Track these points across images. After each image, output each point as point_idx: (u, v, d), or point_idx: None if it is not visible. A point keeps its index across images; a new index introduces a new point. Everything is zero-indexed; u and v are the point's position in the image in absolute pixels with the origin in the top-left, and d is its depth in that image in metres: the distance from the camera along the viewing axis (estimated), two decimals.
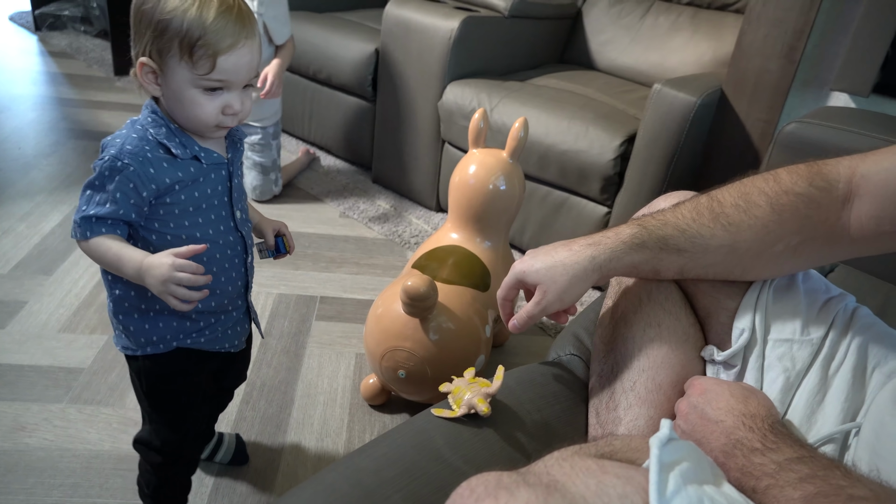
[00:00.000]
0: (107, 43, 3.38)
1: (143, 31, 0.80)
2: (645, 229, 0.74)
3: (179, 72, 0.80)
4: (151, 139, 0.83)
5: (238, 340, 1.01)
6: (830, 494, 0.49)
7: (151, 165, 0.81)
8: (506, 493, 0.45)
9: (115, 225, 0.82)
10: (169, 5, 0.78)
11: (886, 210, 0.65)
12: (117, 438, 1.22)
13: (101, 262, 0.82)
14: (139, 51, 0.81)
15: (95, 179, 0.81)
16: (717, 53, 2.09)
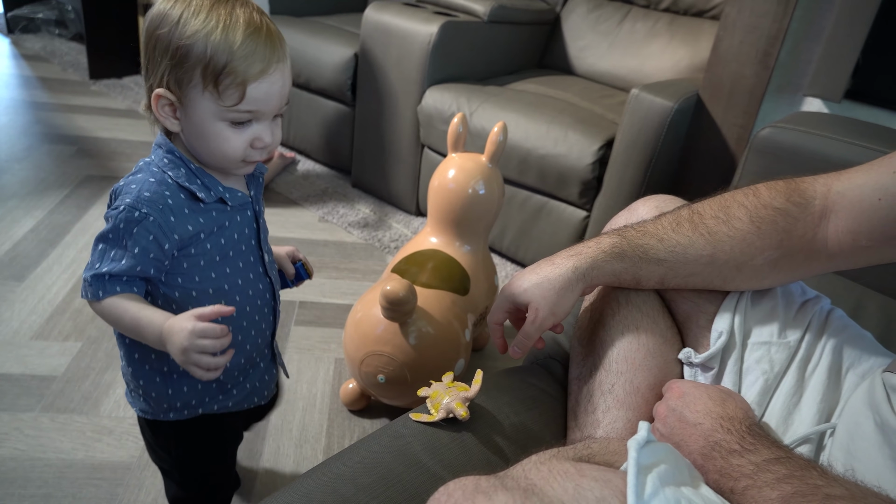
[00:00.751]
0: (82, 46, 3.34)
1: (158, 59, 0.70)
2: (624, 239, 0.75)
3: (203, 104, 0.70)
4: (171, 183, 0.73)
5: (268, 391, 0.93)
6: (807, 494, 0.49)
7: (172, 213, 0.72)
8: (483, 498, 0.44)
9: (130, 282, 0.72)
10: (189, 28, 0.68)
11: (861, 225, 0.67)
12: (91, 447, 1.20)
13: (117, 325, 0.73)
14: (154, 82, 0.71)
15: (109, 232, 0.71)
16: (694, 59, 2.11)
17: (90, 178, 2.18)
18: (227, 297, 0.80)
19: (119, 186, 0.74)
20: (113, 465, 1.17)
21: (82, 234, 1.86)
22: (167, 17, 0.69)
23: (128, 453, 1.20)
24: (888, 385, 0.59)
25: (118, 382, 1.36)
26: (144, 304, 0.72)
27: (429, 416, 0.74)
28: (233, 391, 0.86)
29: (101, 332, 1.49)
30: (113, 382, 1.35)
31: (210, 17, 0.68)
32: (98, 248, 0.72)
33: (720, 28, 1.66)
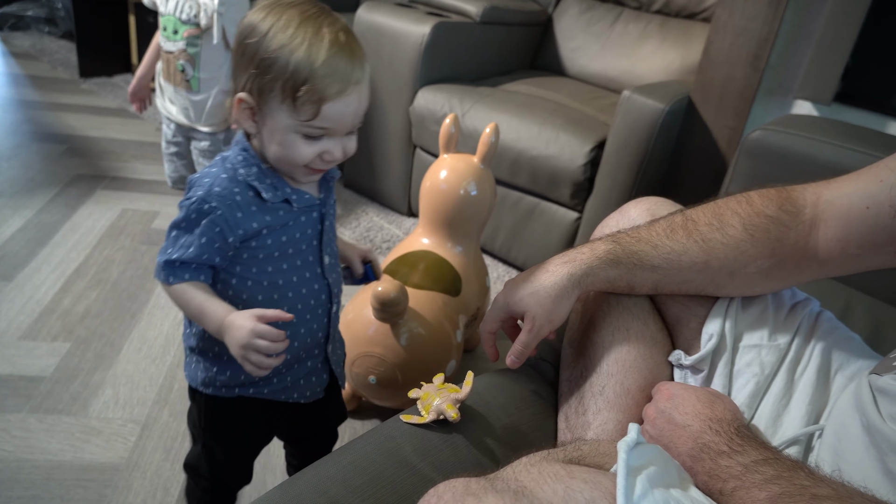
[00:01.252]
0: (72, 44, 3.32)
1: (244, 66, 0.75)
2: (619, 245, 0.75)
3: (279, 114, 0.74)
4: (241, 180, 0.77)
5: (311, 392, 0.94)
6: (795, 494, 0.49)
7: (240, 209, 0.76)
8: (473, 500, 0.44)
9: (199, 270, 0.77)
10: (275, 42, 0.71)
11: (850, 233, 0.68)
12: (80, 448, 1.19)
13: (184, 310, 0.78)
14: (239, 86, 0.76)
15: (182, 221, 0.76)
16: (685, 61, 2.12)
17: (80, 178, 2.16)
18: (280, 291, 0.83)
19: (195, 178, 0.78)
20: (101, 466, 1.16)
21: (71, 233, 1.84)
22: (256, 29, 0.73)
23: (117, 454, 1.19)
24: (874, 387, 0.60)
25: (107, 383, 1.35)
26: (210, 295, 0.76)
27: (419, 417, 0.74)
28: (273, 380, 0.89)
29: (91, 333, 1.48)
30: (102, 383, 1.35)
31: (297, 34, 0.71)
32: (171, 234, 0.77)
33: (711, 30, 1.67)
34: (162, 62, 2.00)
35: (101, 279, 1.67)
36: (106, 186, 2.14)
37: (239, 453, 0.99)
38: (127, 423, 1.26)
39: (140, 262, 1.76)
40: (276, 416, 0.95)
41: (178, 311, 1.58)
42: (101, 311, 1.56)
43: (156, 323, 1.54)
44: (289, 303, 0.83)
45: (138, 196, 2.12)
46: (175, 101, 2.02)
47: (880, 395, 0.58)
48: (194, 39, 1.91)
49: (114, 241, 1.84)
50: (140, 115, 2.75)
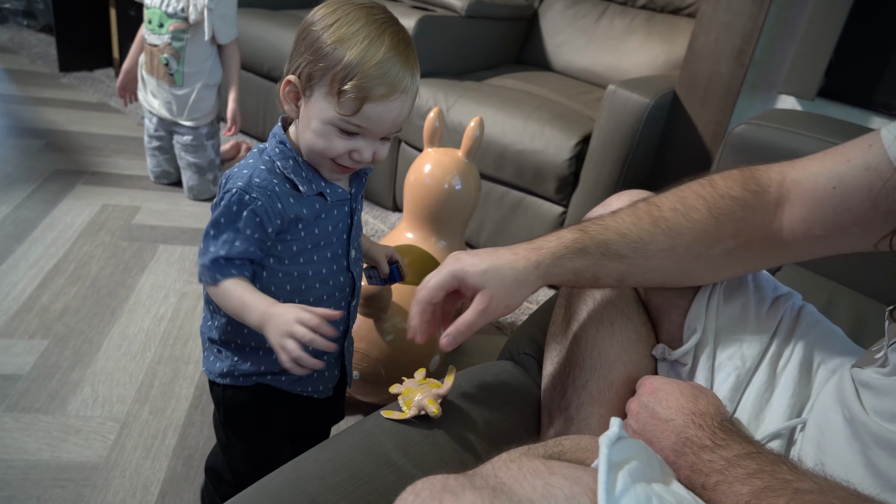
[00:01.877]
0: (51, 38, 3.26)
1: (301, 51, 0.76)
2: (586, 234, 0.72)
3: (322, 104, 0.75)
4: (279, 172, 0.79)
5: (324, 386, 0.95)
6: (777, 489, 0.49)
7: (279, 200, 0.77)
8: (451, 497, 0.43)
9: (243, 266, 0.78)
10: (337, 34, 0.73)
11: (815, 214, 0.67)
12: (57, 447, 1.17)
13: (225, 307, 0.78)
14: (291, 67, 0.77)
15: (221, 216, 0.76)
16: (670, 56, 2.12)
17: (59, 173, 2.13)
18: (308, 282, 0.84)
19: (231, 171, 0.78)
20: (80, 465, 1.14)
21: (50, 229, 1.81)
22: (324, 19, 0.75)
23: (95, 453, 1.17)
24: (857, 380, 0.60)
25: (85, 381, 1.33)
26: (253, 289, 0.77)
27: (400, 413, 0.73)
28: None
29: (69, 330, 1.45)
30: (80, 381, 1.32)
31: (360, 31, 0.73)
32: (210, 234, 0.77)
33: (696, 25, 1.67)
34: (145, 55, 1.98)
35: (80, 275, 1.64)
36: (86, 182, 2.11)
37: (258, 451, 0.98)
38: (106, 422, 1.24)
39: (121, 258, 1.74)
40: (284, 409, 0.95)
41: (158, 307, 1.56)
42: (80, 307, 1.53)
43: (136, 319, 1.52)
44: (315, 294, 0.85)
45: (119, 191, 2.09)
46: (157, 95, 2.00)
47: (863, 389, 0.58)
48: (180, 34, 1.89)
49: (94, 236, 1.82)
50: (122, 110, 2.72)
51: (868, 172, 0.63)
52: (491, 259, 0.70)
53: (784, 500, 0.48)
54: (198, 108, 2.01)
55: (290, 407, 0.94)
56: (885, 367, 0.58)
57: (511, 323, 1.72)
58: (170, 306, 1.58)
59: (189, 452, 1.20)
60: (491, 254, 0.71)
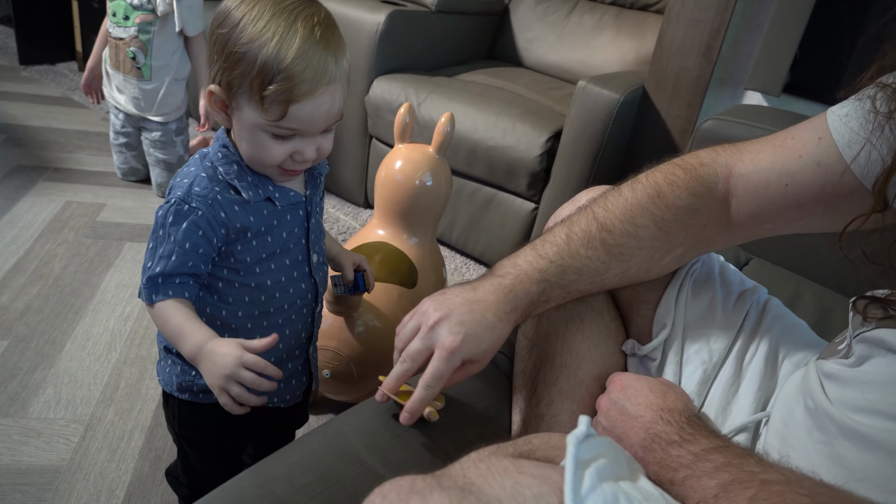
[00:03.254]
0: (10, 30, 3.18)
1: (215, 57, 0.70)
2: (547, 282, 0.69)
3: (248, 111, 0.70)
4: (221, 179, 0.73)
5: (291, 395, 0.92)
6: (745, 481, 0.49)
7: (222, 209, 0.72)
8: (419, 499, 0.43)
9: (183, 285, 0.72)
10: (245, 35, 0.66)
11: (764, 210, 0.68)
12: (18, 451, 1.14)
13: (162, 330, 0.73)
14: (211, 76, 0.72)
15: (160, 227, 0.72)
16: (640, 52, 2.13)
17: (20, 169, 2.07)
18: (268, 292, 0.80)
19: (175, 181, 0.74)
20: (41, 468, 1.12)
21: (10, 226, 1.76)
22: (229, 18, 0.69)
23: (58, 456, 1.14)
24: (821, 372, 0.60)
25: (48, 382, 1.29)
26: (191, 315, 0.72)
27: (401, 396, 0.69)
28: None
29: (31, 330, 1.42)
30: (42, 382, 1.29)
31: (268, 27, 0.67)
32: (149, 247, 0.73)
33: (664, 21, 1.68)
34: (110, 49, 1.93)
35: (42, 274, 1.60)
36: (48, 178, 2.05)
37: (216, 459, 0.95)
38: (69, 424, 1.21)
39: (84, 257, 1.70)
40: (245, 421, 0.92)
41: (124, 306, 1.53)
42: (43, 307, 1.49)
43: (101, 319, 1.49)
44: (275, 303, 0.81)
45: (83, 188, 2.04)
46: (124, 90, 1.95)
47: (827, 380, 0.59)
48: (147, 26, 1.85)
49: (56, 234, 1.77)
50: (86, 105, 2.65)
51: (819, 168, 0.64)
52: (481, 330, 0.65)
53: (751, 492, 0.48)
54: (166, 102, 1.97)
55: (251, 417, 0.91)
56: (849, 357, 0.59)
57: None
58: (136, 305, 1.55)
59: (156, 454, 1.18)
60: (477, 320, 0.65)
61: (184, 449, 0.94)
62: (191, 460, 0.94)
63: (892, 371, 0.54)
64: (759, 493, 0.47)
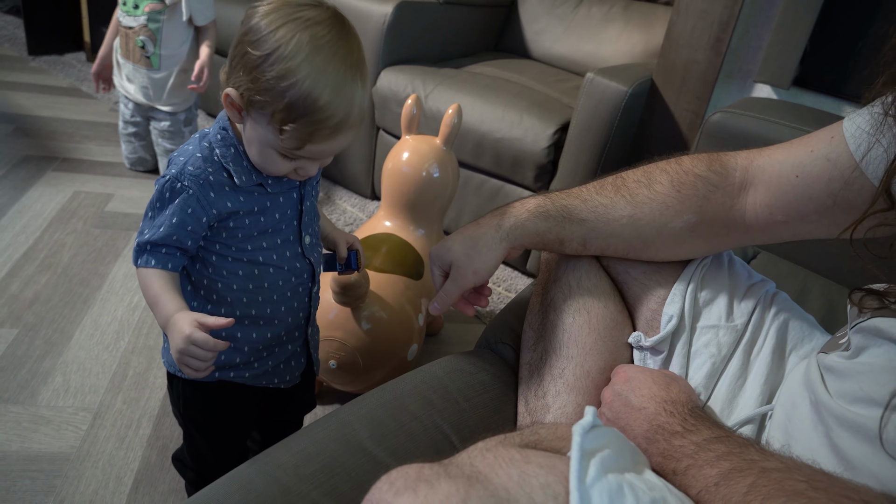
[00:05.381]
0: (19, 20, 3.18)
1: (239, 69, 0.69)
2: (549, 199, 0.77)
3: (263, 129, 0.70)
4: (217, 160, 0.75)
5: (290, 376, 0.94)
6: (744, 469, 0.50)
7: (212, 189, 0.74)
8: (426, 486, 0.43)
9: (168, 255, 0.74)
10: (276, 68, 0.65)
11: (778, 200, 0.69)
12: (27, 438, 1.15)
13: (145, 297, 0.75)
14: (229, 79, 0.71)
15: (156, 200, 0.74)
16: (648, 44, 2.12)
17: (29, 159, 2.08)
18: (260, 268, 0.81)
19: (172, 156, 0.76)
20: (51, 456, 1.13)
21: (20, 216, 1.77)
22: (262, 42, 0.67)
23: (67, 444, 1.15)
24: (822, 365, 0.60)
25: (57, 371, 1.30)
26: (168, 286, 0.74)
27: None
28: (254, 364, 0.87)
29: (40, 319, 1.43)
30: (52, 370, 1.30)
31: (301, 67, 0.66)
32: (147, 215, 0.75)
33: (673, 13, 1.67)
34: (120, 38, 1.93)
35: (51, 263, 1.61)
36: (57, 168, 2.06)
37: (220, 442, 0.97)
38: (78, 412, 1.22)
39: (93, 246, 1.71)
40: (249, 403, 0.94)
41: (132, 296, 1.54)
42: (51, 296, 1.50)
43: (109, 308, 1.50)
44: (269, 279, 0.83)
45: (91, 178, 2.05)
46: (133, 80, 1.95)
47: (827, 373, 0.59)
48: (156, 15, 1.85)
49: (65, 224, 1.78)
50: (94, 95, 2.66)
51: (828, 163, 0.65)
52: (457, 236, 0.79)
53: (751, 480, 0.48)
54: (176, 92, 1.97)
55: (254, 398, 0.93)
56: (848, 350, 0.60)
57: (489, 312, 1.73)
58: None
59: (163, 442, 1.19)
60: (460, 231, 0.80)
61: (189, 432, 0.95)
62: (196, 443, 0.96)
63: (887, 359, 0.54)
64: (758, 480, 0.48)
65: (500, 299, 1.79)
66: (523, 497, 0.43)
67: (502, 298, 1.79)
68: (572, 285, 0.80)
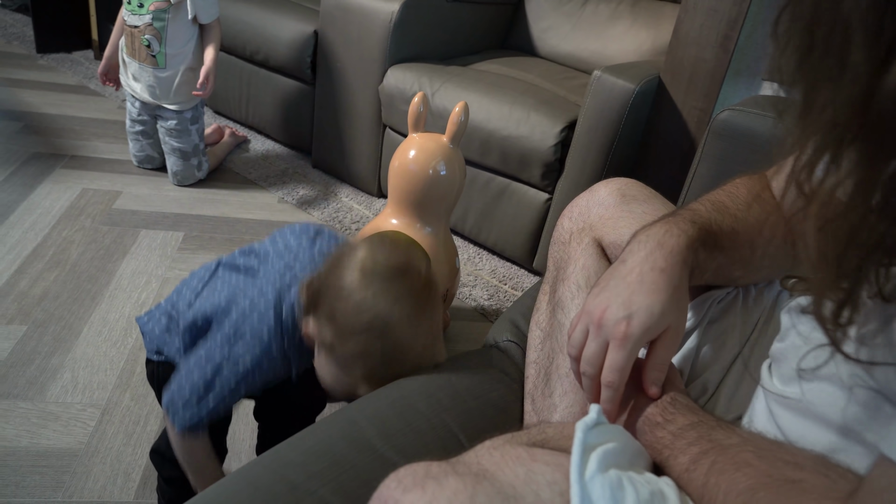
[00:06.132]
0: (28, 18, 3.20)
1: (325, 318, 0.77)
2: (691, 235, 0.64)
3: (334, 370, 0.80)
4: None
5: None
6: (709, 451, 0.51)
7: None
8: (433, 483, 0.43)
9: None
10: (369, 334, 0.75)
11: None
12: (36, 434, 1.16)
13: (180, 454, 0.88)
14: (313, 319, 0.79)
15: (231, 375, 0.83)
16: (656, 42, 2.12)
17: (37, 156, 2.09)
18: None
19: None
20: (59, 451, 1.13)
21: (28, 213, 1.78)
22: (360, 314, 0.75)
23: (75, 440, 1.16)
24: (771, 355, 0.62)
25: (65, 367, 1.31)
26: (211, 451, 0.91)
27: None
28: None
29: (48, 316, 1.44)
30: (60, 367, 1.31)
31: (388, 336, 0.75)
32: (202, 363, 0.84)
33: (681, 11, 1.66)
34: (126, 37, 1.94)
35: (59, 260, 1.62)
36: (65, 165, 2.07)
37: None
38: (86, 408, 1.23)
39: (101, 243, 1.71)
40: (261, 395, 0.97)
41: (140, 292, 1.55)
42: (60, 293, 1.51)
43: (117, 305, 1.50)
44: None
45: (99, 175, 2.05)
46: (139, 78, 1.96)
47: (773, 361, 0.61)
48: (161, 13, 1.85)
49: (73, 221, 1.79)
50: (102, 93, 2.67)
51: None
52: (658, 295, 0.59)
53: (712, 458, 0.50)
54: (182, 91, 1.98)
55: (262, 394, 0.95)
56: (778, 332, 0.61)
57: (496, 310, 1.73)
58: (151, 292, 1.56)
59: None
60: (647, 284, 0.59)
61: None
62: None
63: (802, 340, 0.55)
64: (718, 458, 0.50)
65: (506, 297, 1.79)
66: (530, 494, 0.43)
67: (509, 297, 1.79)
68: (580, 284, 0.80)
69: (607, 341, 0.58)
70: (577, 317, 0.63)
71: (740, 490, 0.46)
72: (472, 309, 1.72)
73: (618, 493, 0.43)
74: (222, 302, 0.84)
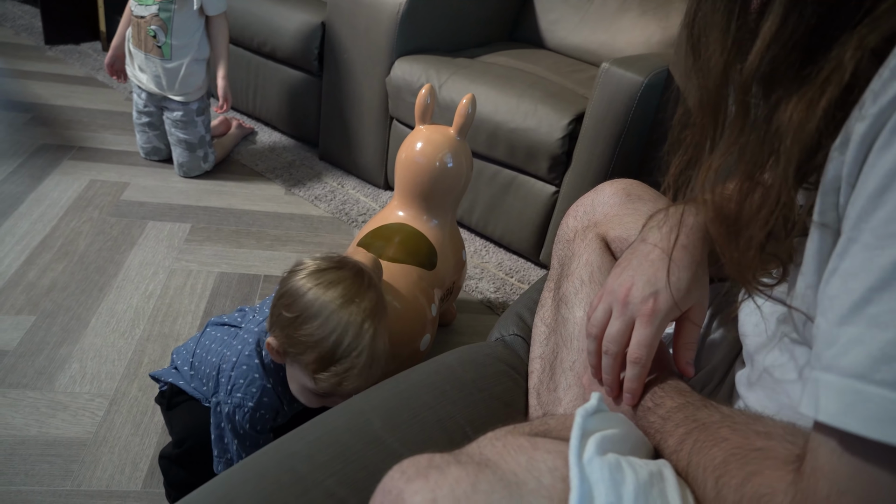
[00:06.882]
0: (36, 9, 3.21)
1: (278, 325, 0.92)
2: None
3: (300, 374, 0.92)
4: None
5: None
6: (693, 431, 0.51)
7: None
8: (436, 472, 0.44)
9: None
10: (309, 324, 0.88)
11: None
12: (45, 423, 1.17)
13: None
14: (272, 331, 0.93)
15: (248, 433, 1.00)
16: (665, 34, 2.10)
17: (45, 147, 2.10)
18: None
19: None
20: (68, 441, 1.14)
21: (37, 204, 1.79)
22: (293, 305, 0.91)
23: (84, 429, 1.17)
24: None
25: (73, 357, 1.32)
26: None
27: None
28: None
29: (57, 306, 1.44)
30: (68, 357, 1.32)
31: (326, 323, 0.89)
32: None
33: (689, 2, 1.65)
34: (132, 28, 1.94)
35: (67, 251, 1.63)
36: (73, 157, 2.08)
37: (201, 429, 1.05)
38: (94, 398, 1.24)
39: (109, 234, 1.72)
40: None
41: (147, 283, 1.55)
42: (68, 283, 1.52)
43: (125, 296, 1.51)
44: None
45: (107, 167, 2.06)
46: (146, 69, 1.97)
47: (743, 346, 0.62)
48: (167, 4, 1.85)
49: (81, 212, 1.80)
50: (110, 85, 2.68)
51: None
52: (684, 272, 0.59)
53: (694, 437, 0.50)
54: (188, 82, 1.98)
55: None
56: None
57: (502, 303, 1.73)
58: (159, 283, 1.57)
59: None
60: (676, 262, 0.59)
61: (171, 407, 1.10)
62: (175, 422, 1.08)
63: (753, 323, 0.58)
64: (700, 437, 0.50)
65: (512, 290, 1.79)
66: (531, 480, 0.43)
67: (515, 289, 1.79)
68: (584, 279, 0.80)
69: (633, 319, 0.58)
70: (597, 297, 0.63)
71: (716, 465, 0.46)
72: (479, 301, 1.72)
73: (616, 474, 0.43)
74: (213, 357, 1.02)
